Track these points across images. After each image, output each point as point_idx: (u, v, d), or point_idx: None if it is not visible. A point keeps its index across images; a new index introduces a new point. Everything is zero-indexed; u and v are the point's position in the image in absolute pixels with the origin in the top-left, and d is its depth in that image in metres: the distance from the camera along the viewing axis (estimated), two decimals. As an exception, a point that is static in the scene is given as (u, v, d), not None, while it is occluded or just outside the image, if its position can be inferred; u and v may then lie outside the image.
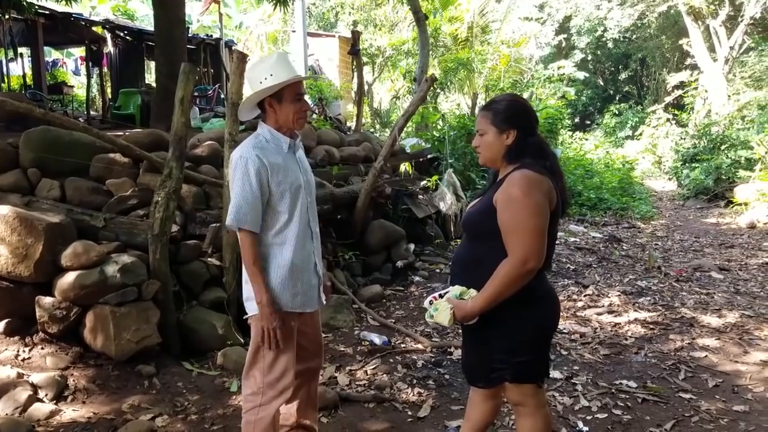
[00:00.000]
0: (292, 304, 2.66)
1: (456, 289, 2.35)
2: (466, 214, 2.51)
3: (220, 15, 16.73)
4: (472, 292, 2.32)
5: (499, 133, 2.37)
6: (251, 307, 2.66)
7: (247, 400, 2.71)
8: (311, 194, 2.82)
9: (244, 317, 2.76)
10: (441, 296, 2.42)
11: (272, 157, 2.60)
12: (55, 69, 18.32)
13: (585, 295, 6.26)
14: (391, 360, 4.54)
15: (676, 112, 21.90)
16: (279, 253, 2.64)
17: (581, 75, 25.54)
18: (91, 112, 13.57)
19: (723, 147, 15.28)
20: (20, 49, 13.14)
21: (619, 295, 6.24)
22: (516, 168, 2.33)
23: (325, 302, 2.93)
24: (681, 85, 24.68)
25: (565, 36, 29.11)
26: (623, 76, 30.55)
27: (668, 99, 25.80)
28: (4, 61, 13.18)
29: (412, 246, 7.31)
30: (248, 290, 2.66)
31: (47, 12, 11.83)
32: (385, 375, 4.27)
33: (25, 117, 5.58)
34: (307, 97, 12.14)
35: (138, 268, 4.24)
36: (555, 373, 4.26)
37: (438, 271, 7.02)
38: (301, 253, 2.69)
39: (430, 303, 2.42)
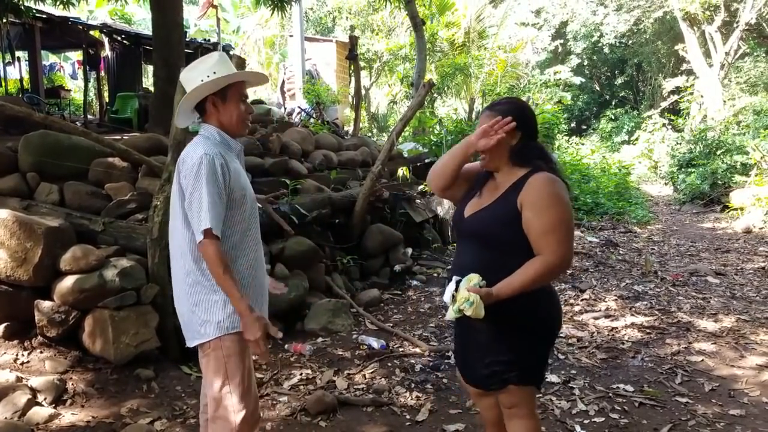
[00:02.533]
0: None
1: (474, 278, 2.21)
2: (475, 220, 2.38)
3: (218, 19, 16.72)
4: (482, 279, 2.22)
5: (508, 134, 2.31)
6: (210, 331, 2.36)
7: None
8: (255, 202, 2.58)
9: (195, 345, 2.44)
10: (457, 290, 2.23)
11: (229, 160, 2.38)
12: (52, 73, 18.33)
13: (582, 300, 6.28)
14: (389, 364, 4.55)
15: (672, 117, 22.02)
16: (240, 266, 2.40)
17: (577, 80, 25.66)
18: (89, 116, 13.56)
19: (719, 152, 15.38)
20: (18, 53, 13.12)
21: (616, 299, 6.27)
22: (532, 171, 2.31)
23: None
24: (677, 90, 24.80)
25: (562, 41, 29.22)
26: (619, 81, 30.68)
27: (664, 104, 25.94)
28: (1, 65, 13.15)
29: (409, 250, 7.33)
30: (204, 311, 2.37)
31: (45, 16, 11.82)
32: (383, 379, 4.28)
33: (22, 121, 5.58)
34: (303, 102, 12.15)
35: (137, 272, 4.25)
36: (552, 377, 4.28)
37: (436, 275, 7.04)
38: (260, 265, 2.50)
39: (453, 298, 2.22)
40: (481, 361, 2.41)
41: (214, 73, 2.36)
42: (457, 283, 2.23)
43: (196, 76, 2.38)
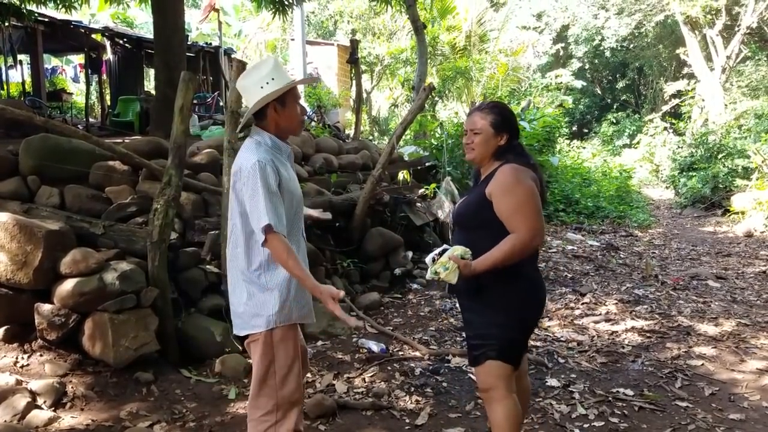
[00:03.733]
0: (300, 315, 2.62)
1: (459, 249, 2.50)
2: (458, 208, 2.79)
3: (219, 23, 16.77)
4: (469, 252, 2.51)
5: (495, 135, 2.65)
6: (260, 323, 2.54)
7: (261, 421, 2.58)
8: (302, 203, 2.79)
9: (247, 334, 2.60)
10: (440, 255, 2.53)
11: (280, 165, 2.56)
12: (54, 76, 18.35)
13: (582, 303, 6.28)
14: (389, 367, 4.55)
15: (674, 120, 21.98)
16: None
17: (579, 83, 25.62)
18: (90, 119, 13.59)
19: (720, 156, 15.35)
20: (20, 56, 13.18)
21: (616, 303, 6.26)
22: (502, 163, 2.63)
23: None
24: (678, 94, 24.78)
25: (563, 45, 29.23)
26: (620, 84, 30.67)
27: (665, 108, 25.92)
28: (3, 68, 13.19)
29: (410, 253, 7.32)
30: (255, 305, 2.55)
31: (47, 19, 11.87)
32: (383, 382, 4.27)
33: (23, 124, 5.59)
34: (305, 105, 12.15)
35: (137, 276, 4.25)
36: (552, 381, 4.27)
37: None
38: (305, 263, 2.63)
39: (433, 261, 2.52)
40: (467, 337, 2.75)
41: (273, 79, 2.54)
42: (444, 250, 2.54)
43: (252, 83, 2.56)
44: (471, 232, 2.65)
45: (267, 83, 2.53)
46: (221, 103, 12.67)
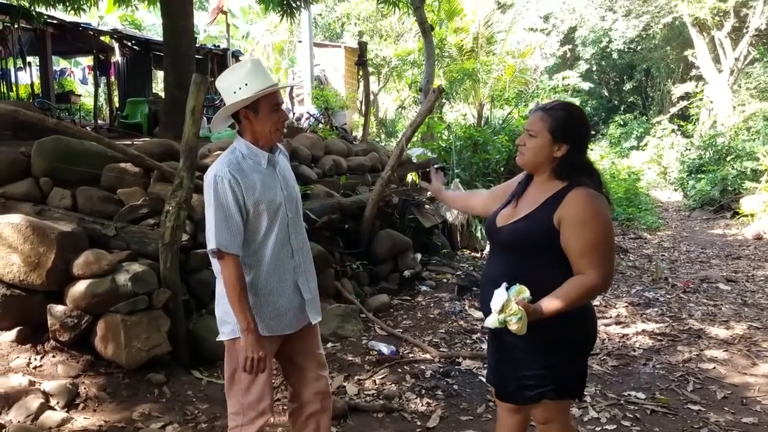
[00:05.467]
0: (265, 326, 2.53)
1: (525, 291, 2.12)
2: (507, 231, 2.32)
3: (228, 25, 16.81)
4: (528, 293, 2.13)
5: (552, 142, 2.22)
6: (226, 331, 2.56)
7: (231, 419, 2.62)
8: (294, 208, 2.64)
9: (218, 339, 2.64)
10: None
11: (249, 176, 2.45)
12: (62, 78, 18.45)
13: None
14: (400, 370, 4.54)
15: (682, 122, 21.91)
16: (252, 275, 2.51)
17: (586, 85, 25.59)
18: (99, 121, 13.66)
19: (729, 158, 15.29)
20: (29, 59, 13.26)
21: (627, 306, 6.25)
22: (571, 185, 2.21)
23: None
24: (686, 96, 24.68)
25: (570, 47, 29.18)
26: (628, 86, 30.57)
27: (673, 110, 25.81)
28: (12, 70, 13.27)
29: (419, 255, 7.32)
30: (222, 312, 2.56)
31: (56, 22, 11.94)
32: (393, 385, 4.27)
33: (34, 126, 5.61)
34: (312, 107, 12.17)
35: (149, 277, 4.27)
36: (563, 384, 4.26)
37: (445, 281, 7.03)
38: (275, 273, 2.55)
39: (500, 312, 2.10)
40: (514, 375, 2.34)
41: (246, 84, 2.40)
42: (506, 289, 2.14)
43: (229, 86, 2.44)
44: (524, 259, 2.25)
45: (240, 88, 2.41)
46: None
